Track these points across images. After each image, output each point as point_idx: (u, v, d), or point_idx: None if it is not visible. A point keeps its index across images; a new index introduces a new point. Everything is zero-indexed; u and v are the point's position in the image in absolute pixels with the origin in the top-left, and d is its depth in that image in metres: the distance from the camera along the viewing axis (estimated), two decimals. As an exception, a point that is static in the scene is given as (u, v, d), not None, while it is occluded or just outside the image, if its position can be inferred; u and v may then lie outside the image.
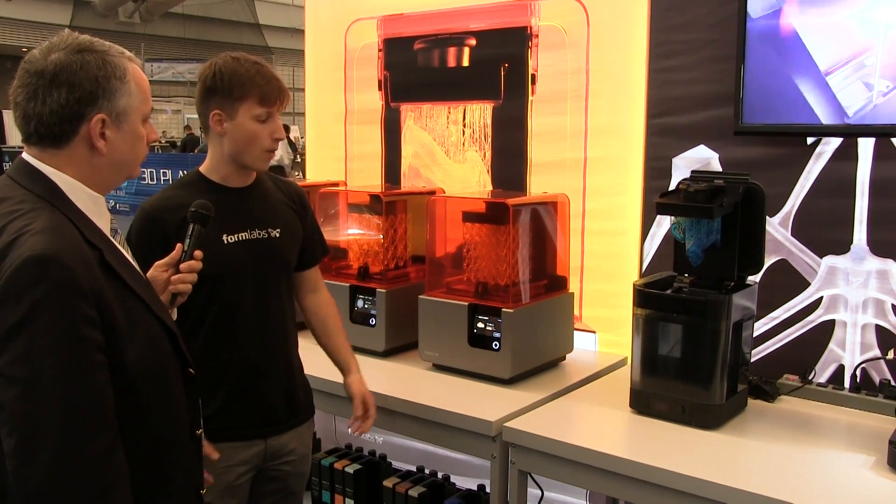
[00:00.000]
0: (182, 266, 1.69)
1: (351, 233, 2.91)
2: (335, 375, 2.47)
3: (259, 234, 2.06)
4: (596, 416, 2.27)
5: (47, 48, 1.39)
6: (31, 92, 1.37)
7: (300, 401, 2.17)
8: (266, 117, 1.99)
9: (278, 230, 2.10)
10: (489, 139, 3.13)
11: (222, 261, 1.98)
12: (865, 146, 2.35)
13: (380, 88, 3.41)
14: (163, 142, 19.75)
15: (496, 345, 2.42)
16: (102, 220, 1.45)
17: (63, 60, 1.37)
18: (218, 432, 1.99)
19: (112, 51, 1.42)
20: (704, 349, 2.09)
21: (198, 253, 1.70)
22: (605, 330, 2.86)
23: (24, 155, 1.43)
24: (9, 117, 15.70)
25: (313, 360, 2.30)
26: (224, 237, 2.01)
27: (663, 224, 2.68)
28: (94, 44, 1.41)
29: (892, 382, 2.28)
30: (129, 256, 1.50)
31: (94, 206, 1.44)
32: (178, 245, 1.69)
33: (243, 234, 2.04)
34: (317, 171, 3.72)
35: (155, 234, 1.97)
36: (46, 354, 1.24)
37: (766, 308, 2.47)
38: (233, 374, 2.03)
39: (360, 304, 2.75)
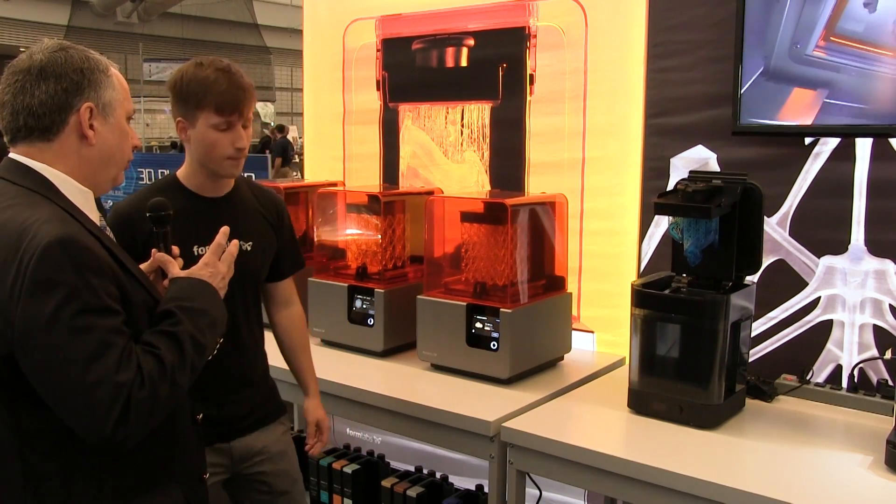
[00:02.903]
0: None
1: (349, 233, 2.91)
2: (335, 376, 2.48)
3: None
4: (594, 416, 2.27)
5: (30, 52, 1.45)
6: (19, 87, 1.41)
7: (261, 410, 2.14)
8: (225, 126, 1.94)
9: (250, 243, 2.06)
10: (487, 139, 3.13)
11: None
12: (863, 146, 2.35)
13: (378, 88, 3.42)
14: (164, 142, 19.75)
15: (494, 345, 2.42)
16: (93, 214, 1.49)
17: (48, 56, 1.43)
18: None
19: (92, 51, 1.50)
20: (702, 349, 2.10)
21: (175, 249, 1.67)
22: (603, 330, 2.86)
23: (12, 154, 1.46)
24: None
25: (316, 361, 2.30)
26: (195, 249, 1.97)
27: (661, 224, 2.68)
28: (75, 46, 1.48)
29: (890, 382, 2.29)
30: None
31: (84, 200, 1.47)
32: (154, 251, 1.64)
33: None
34: (315, 171, 3.72)
35: (126, 237, 1.92)
36: (88, 331, 1.29)
37: (764, 308, 2.48)
38: (199, 383, 1.99)
39: (358, 304, 2.75)
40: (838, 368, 2.44)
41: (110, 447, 1.32)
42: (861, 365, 2.37)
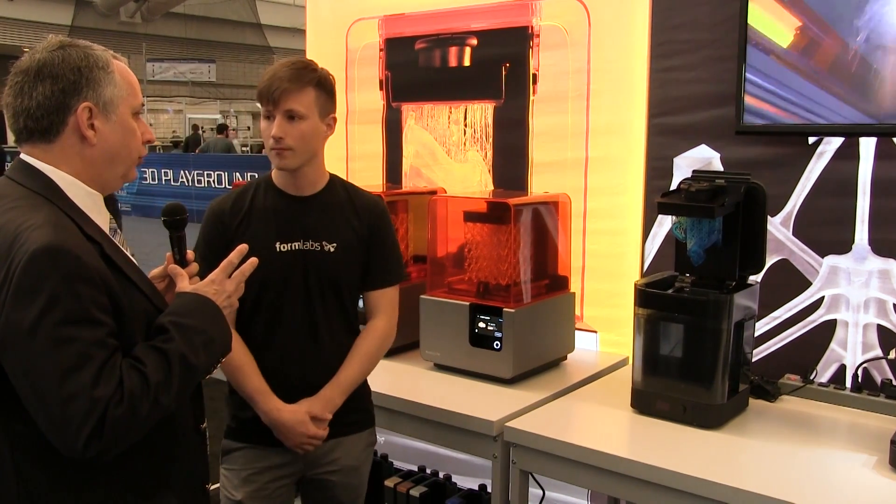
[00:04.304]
0: None
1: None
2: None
3: (312, 245, 2.03)
4: (597, 416, 2.27)
5: (32, 51, 1.43)
6: (18, 89, 1.40)
7: (341, 419, 2.06)
8: (268, 115, 1.97)
9: (334, 244, 2.04)
10: (490, 139, 3.13)
11: (270, 268, 1.94)
12: (867, 146, 2.35)
13: (381, 88, 3.41)
14: (167, 141, 19.78)
15: (497, 344, 2.42)
16: (101, 217, 1.47)
17: (46, 56, 1.41)
18: (255, 435, 2.01)
19: (94, 47, 1.46)
20: (706, 349, 2.09)
21: (190, 254, 1.66)
22: (606, 330, 2.85)
23: (22, 155, 1.45)
24: (9, 117, 15.74)
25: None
26: (277, 245, 2.00)
27: (664, 224, 2.68)
28: (76, 42, 1.45)
29: (894, 382, 2.28)
30: (128, 253, 1.52)
31: (91, 203, 1.45)
32: (168, 255, 1.64)
33: (296, 244, 2.01)
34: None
35: (215, 233, 2.00)
36: (69, 343, 1.27)
37: (767, 308, 2.47)
38: (274, 383, 2.00)
39: (361, 304, 2.75)
40: (842, 368, 2.44)
41: (88, 460, 1.30)
42: (865, 365, 2.36)
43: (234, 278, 1.60)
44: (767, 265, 2.33)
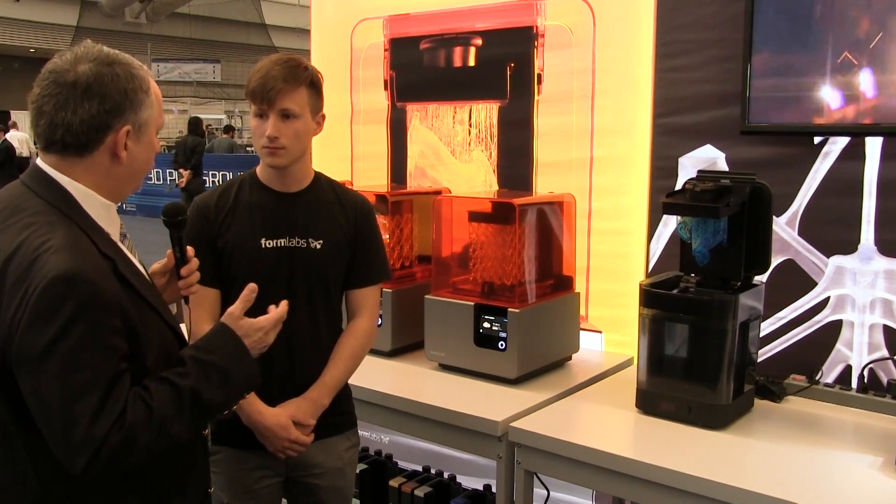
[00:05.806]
0: (183, 271, 1.66)
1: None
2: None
3: (298, 242, 2.02)
4: (602, 416, 2.27)
5: (73, 59, 1.40)
6: (62, 102, 1.38)
7: (322, 421, 2.03)
8: (260, 114, 1.96)
9: (320, 241, 2.03)
10: (495, 139, 3.13)
11: (255, 264, 1.96)
12: (873, 145, 2.34)
13: (386, 88, 3.42)
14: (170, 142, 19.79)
15: (502, 345, 2.42)
16: (113, 226, 1.48)
17: (95, 72, 1.39)
18: (239, 438, 1.99)
19: (135, 64, 1.46)
20: (711, 349, 2.09)
21: (190, 250, 1.67)
22: (611, 330, 2.85)
23: (39, 162, 1.45)
24: (16, 117, 15.79)
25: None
26: (263, 241, 1.99)
27: (669, 224, 2.67)
28: (119, 56, 1.45)
29: (900, 383, 2.28)
30: (136, 262, 1.53)
31: (105, 214, 1.46)
32: (169, 252, 1.65)
33: (281, 241, 2.00)
34: (322, 171, 3.72)
35: (199, 229, 1.99)
36: (78, 370, 1.28)
37: (772, 308, 2.47)
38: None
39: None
40: (848, 369, 2.43)
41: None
42: (871, 365, 2.36)
43: (276, 328, 1.65)
44: (773, 265, 2.33)
